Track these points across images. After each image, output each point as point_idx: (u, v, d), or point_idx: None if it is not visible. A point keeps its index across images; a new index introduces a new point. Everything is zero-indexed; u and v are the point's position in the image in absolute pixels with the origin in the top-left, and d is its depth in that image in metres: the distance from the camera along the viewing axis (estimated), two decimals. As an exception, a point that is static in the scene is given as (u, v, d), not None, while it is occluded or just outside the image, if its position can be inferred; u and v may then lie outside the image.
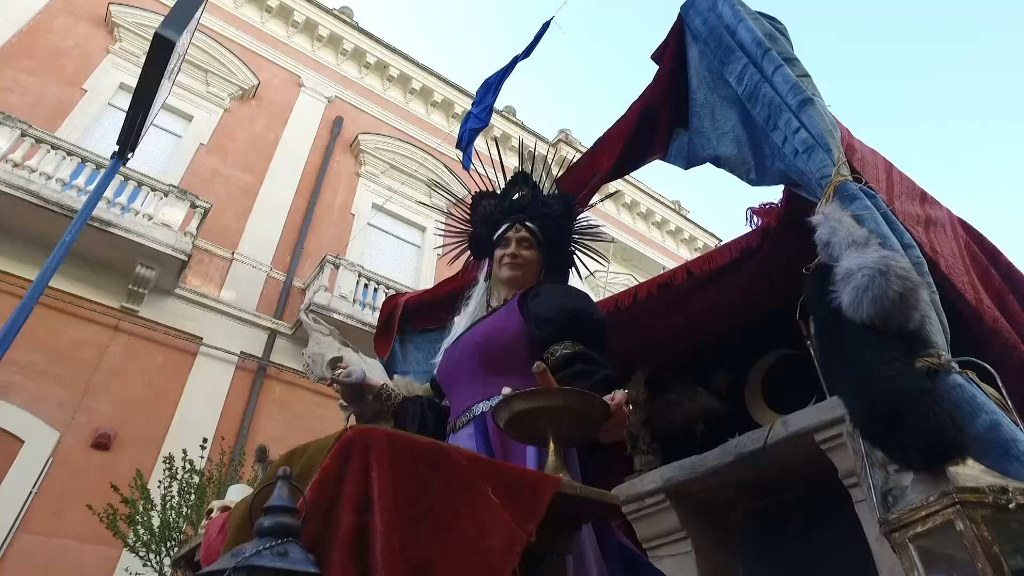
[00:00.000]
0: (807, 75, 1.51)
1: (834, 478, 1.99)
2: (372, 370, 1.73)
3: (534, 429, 1.04)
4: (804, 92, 1.38)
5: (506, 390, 1.05)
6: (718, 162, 1.69)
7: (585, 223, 1.84)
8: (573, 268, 1.84)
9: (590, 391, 1.04)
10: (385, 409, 1.53)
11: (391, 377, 1.88)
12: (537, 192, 1.83)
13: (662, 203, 15.48)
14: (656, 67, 1.82)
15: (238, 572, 0.57)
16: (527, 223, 1.70)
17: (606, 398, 1.05)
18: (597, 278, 12.37)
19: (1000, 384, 1.00)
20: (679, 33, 1.77)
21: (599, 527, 1.20)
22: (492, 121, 7.01)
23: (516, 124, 13.72)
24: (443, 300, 2.42)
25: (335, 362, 1.65)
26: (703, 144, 1.70)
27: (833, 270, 1.05)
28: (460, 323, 1.67)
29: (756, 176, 1.57)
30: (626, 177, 14.54)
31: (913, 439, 0.83)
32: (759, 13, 1.67)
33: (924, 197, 2.13)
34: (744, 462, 2.13)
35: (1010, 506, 0.74)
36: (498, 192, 1.88)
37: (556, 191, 1.87)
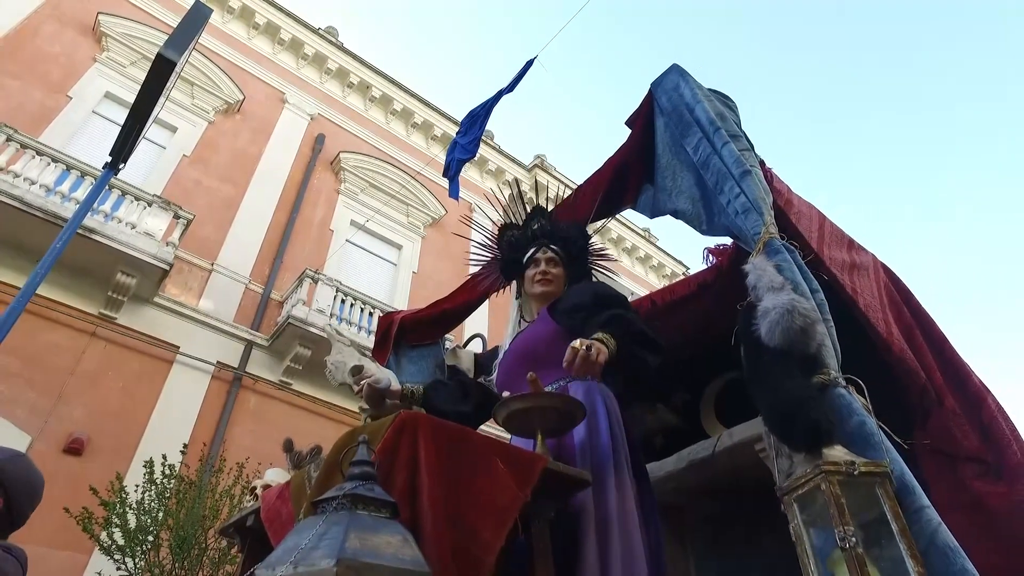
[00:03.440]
0: (748, 149, 1.87)
1: (771, 483, 2.32)
2: (390, 377, 1.98)
3: (527, 424, 1.34)
4: (745, 165, 1.73)
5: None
6: (676, 215, 2.04)
7: (594, 245, 2.19)
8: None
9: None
10: (409, 407, 1.80)
11: None
12: (554, 221, 2.16)
13: (633, 230, 16.00)
14: (629, 131, 2.20)
15: (346, 497, 0.85)
16: (551, 246, 2.03)
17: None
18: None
19: (866, 394, 1.34)
20: (649, 104, 2.13)
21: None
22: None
23: (494, 148, 14.12)
24: (436, 318, 2.70)
25: (356, 370, 1.85)
26: (665, 199, 2.06)
27: (756, 308, 1.39)
28: (506, 338, 1.99)
29: (706, 228, 1.92)
30: (598, 204, 15.02)
31: (800, 431, 1.17)
32: (712, 91, 2.05)
33: (851, 244, 2.51)
34: (696, 468, 2.45)
35: (855, 473, 1.08)
36: (519, 224, 2.20)
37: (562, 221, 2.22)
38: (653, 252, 16.31)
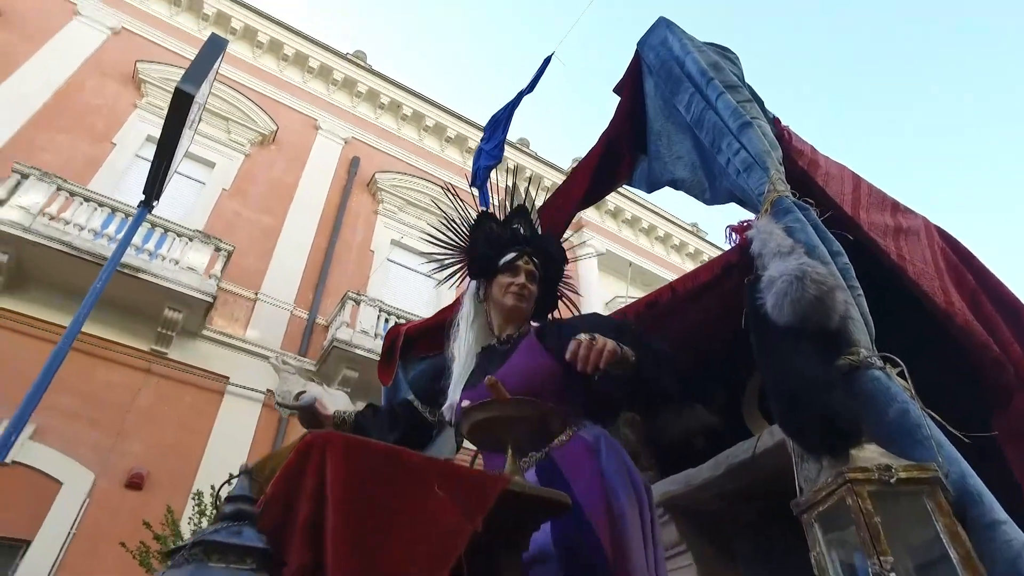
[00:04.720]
0: (750, 100, 1.60)
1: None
2: (335, 401, 1.86)
3: (493, 437, 1.14)
4: (744, 116, 1.48)
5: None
6: (675, 184, 1.80)
7: (567, 272, 1.92)
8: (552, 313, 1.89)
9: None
10: (345, 431, 1.66)
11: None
12: (535, 230, 1.87)
13: (679, 226, 15.52)
14: (619, 99, 1.97)
15: (196, 546, 0.68)
16: (534, 258, 1.76)
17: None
18: (617, 304, 12.40)
19: (907, 376, 1.07)
20: (636, 66, 1.90)
21: None
22: (506, 154, 7.19)
23: (530, 155, 13.96)
24: (442, 327, 2.53)
25: (299, 395, 1.78)
26: (661, 168, 1.81)
27: (761, 278, 1.15)
28: (463, 354, 1.70)
29: (710, 196, 1.67)
30: (641, 202, 14.63)
31: (809, 423, 0.91)
32: (707, 44, 1.79)
33: (896, 207, 2.20)
34: (735, 472, 2.18)
35: (892, 481, 0.81)
36: (500, 217, 1.91)
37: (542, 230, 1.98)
38: (703, 246, 15.77)
